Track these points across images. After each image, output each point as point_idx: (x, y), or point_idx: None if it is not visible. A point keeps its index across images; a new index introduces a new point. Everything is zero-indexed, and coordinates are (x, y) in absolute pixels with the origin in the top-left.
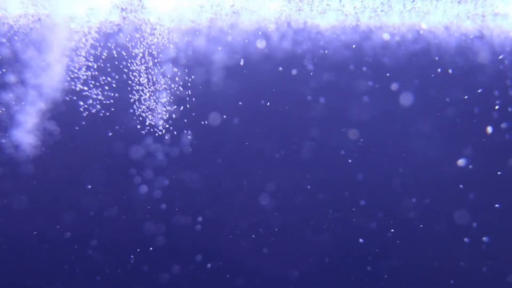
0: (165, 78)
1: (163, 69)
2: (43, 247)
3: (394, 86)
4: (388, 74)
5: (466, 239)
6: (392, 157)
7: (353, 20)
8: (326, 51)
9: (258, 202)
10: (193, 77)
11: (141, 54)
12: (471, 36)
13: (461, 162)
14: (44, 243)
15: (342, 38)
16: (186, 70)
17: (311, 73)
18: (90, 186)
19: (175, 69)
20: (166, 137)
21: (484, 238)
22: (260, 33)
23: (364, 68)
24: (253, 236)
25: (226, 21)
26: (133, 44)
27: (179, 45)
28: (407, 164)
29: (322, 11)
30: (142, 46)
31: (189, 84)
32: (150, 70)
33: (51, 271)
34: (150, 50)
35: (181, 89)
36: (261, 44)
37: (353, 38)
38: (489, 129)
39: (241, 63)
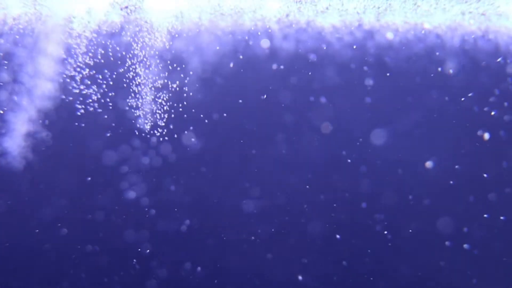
0: (162, 78)
1: (159, 69)
2: (44, 247)
3: (395, 86)
4: (388, 74)
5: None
6: (393, 157)
7: (355, 19)
8: (326, 51)
9: (255, 203)
10: (191, 73)
11: (139, 54)
12: (473, 36)
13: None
14: (43, 244)
15: (344, 38)
16: (184, 71)
17: (312, 73)
18: (87, 188)
19: (172, 70)
20: (162, 138)
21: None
22: (259, 33)
23: (365, 68)
24: (253, 238)
25: (226, 21)
26: (132, 43)
27: (179, 45)
28: (409, 165)
29: (323, 10)
30: (140, 45)
31: (186, 83)
32: (147, 70)
33: (49, 274)
34: (149, 50)
35: (179, 89)
36: (260, 43)
37: (354, 38)
38: (490, 130)
39: (238, 63)
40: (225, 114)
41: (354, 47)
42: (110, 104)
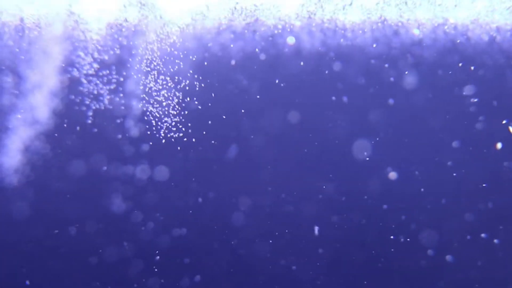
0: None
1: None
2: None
3: (418, 84)
4: (408, 72)
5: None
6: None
7: (377, 16)
8: (350, 48)
9: (275, 204)
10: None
11: (155, 54)
12: (494, 34)
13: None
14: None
15: (366, 35)
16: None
17: (335, 71)
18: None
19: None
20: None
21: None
22: (279, 30)
23: (387, 65)
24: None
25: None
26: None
27: (198, 43)
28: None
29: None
30: (156, 45)
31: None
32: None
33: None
34: (165, 50)
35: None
36: (283, 40)
37: (376, 35)
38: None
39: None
40: (243, 112)
41: (374, 45)
42: (124, 106)
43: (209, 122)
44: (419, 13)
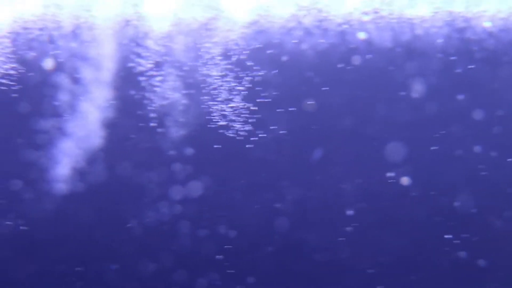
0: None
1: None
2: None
3: (483, 81)
4: (474, 67)
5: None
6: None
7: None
8: (419, 44)
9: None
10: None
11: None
12: None
13: None
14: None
15: (434, 30)
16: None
17: (405, 68)
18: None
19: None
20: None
21: None
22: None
23: (453, 58)
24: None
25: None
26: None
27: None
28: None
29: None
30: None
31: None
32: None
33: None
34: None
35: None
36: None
37: (445, 29)
38: None
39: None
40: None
41: (440, 40)
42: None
43: (280, 119)
44: (487, 5)
